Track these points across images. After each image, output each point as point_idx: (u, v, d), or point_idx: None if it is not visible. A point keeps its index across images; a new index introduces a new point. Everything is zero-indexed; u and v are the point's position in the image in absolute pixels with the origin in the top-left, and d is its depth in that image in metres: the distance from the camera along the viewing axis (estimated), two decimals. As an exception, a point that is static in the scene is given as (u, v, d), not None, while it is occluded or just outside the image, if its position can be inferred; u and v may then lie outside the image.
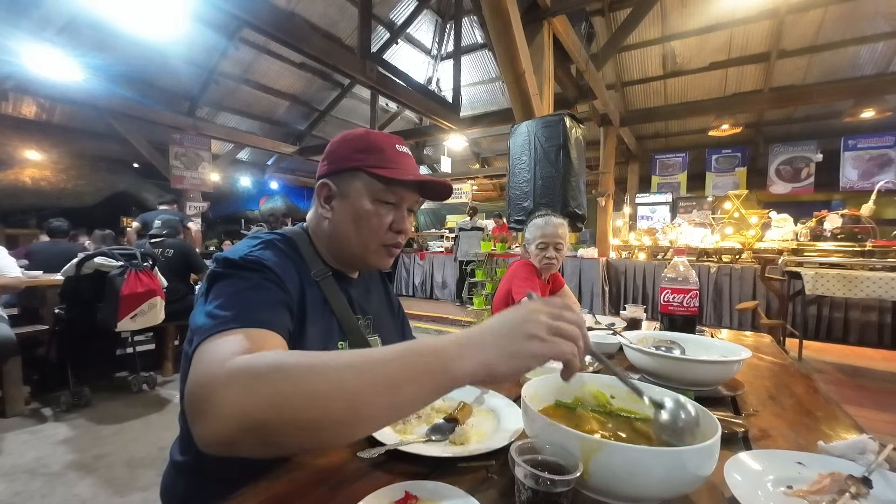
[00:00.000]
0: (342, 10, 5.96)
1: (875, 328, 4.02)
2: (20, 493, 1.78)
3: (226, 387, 0.43)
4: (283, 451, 0.45)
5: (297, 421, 0.42)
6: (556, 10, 3.38)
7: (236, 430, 0.42)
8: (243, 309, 0.56)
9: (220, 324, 0.53)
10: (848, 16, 5.11)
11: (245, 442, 0.42)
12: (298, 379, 0.42)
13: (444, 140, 8.53)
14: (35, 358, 2.83)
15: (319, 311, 0.73)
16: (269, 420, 0.41)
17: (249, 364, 0.44)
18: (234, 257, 0.64)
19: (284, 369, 0.43)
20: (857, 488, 0.47)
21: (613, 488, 0.46)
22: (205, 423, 0.43)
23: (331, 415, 0.42)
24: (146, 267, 2.68)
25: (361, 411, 0.43)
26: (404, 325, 1.03)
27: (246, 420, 0.41)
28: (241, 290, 0.59)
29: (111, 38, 5.05)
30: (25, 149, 6.28)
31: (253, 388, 0.42)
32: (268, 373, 0.43)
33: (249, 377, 0.43)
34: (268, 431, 0.42)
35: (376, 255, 0.78)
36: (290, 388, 0.42)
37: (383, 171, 0.72)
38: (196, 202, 6.48)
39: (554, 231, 1.75)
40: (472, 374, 0.44)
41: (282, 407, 0.41)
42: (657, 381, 0.84)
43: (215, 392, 0.43)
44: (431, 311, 5.83)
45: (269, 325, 0.56)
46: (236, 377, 0.43)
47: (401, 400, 0.43)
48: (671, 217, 7.00)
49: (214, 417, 0.42)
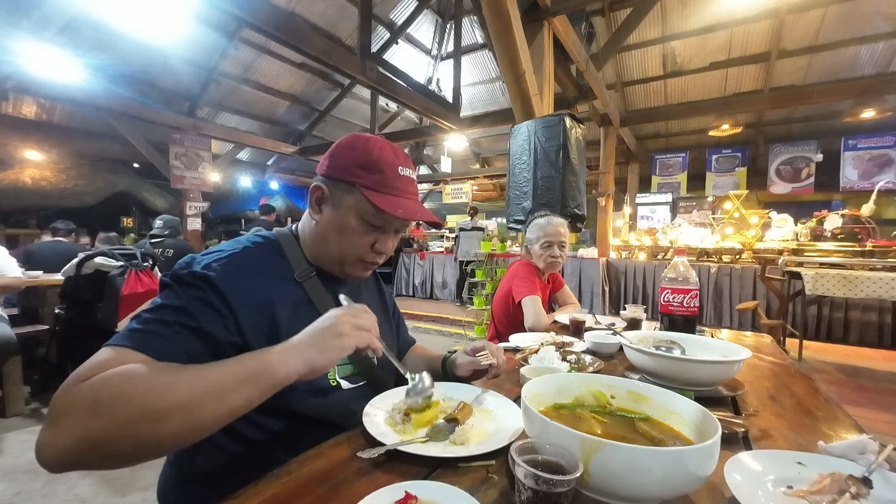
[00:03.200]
0: (342, 10, 5.95)
1: (875, 328, 4.01)
2: (20, 493, 1.78)
3: (70, 412, 0.46)
4: (124, 464, 0.49)
5: (138, 438, 0.47)
6: (556, 10, 3.38)
7: (76, 451, 0.45)
8: (145, 329, 0.58)
9: (120, 337, 0.56)
10: (848, 16, 5.11)
11: (83, 460, 0.46)
12: (138, 401, 0.47)
13: (444, 140, 8.54)
14: (35, 358, 2.83)
15: (302, 312, 0.73)
16: (110, 439, 0.46)
17: (95, 388, 0.48)
18: (183, 271, 0.65)
19: (125, 393, 0.47)
20: (858, 488, 0.47)
21: (613, 488, 0.46)
22: (45, 437, 0.46)
23: (169, 429, 0.48)
24: (146, 267, 2.68)
25: (198, 420, 0.50)
26: (400, 325, 1.04)
27: (84, 443, 0.45)
28: (163, 306, 0.61)
29: (111, 38, 5.04)
30: (25, 149, 6.27)
31: (95, 413, 0.46)
32: (111, 398, 0.47)
33: (92, 403, 0.47)
34: (108, 449, 0.46)
35: (353, 268, 0.80)
36: (131, 411, 0.46)
37: (377, 197, 0.72)
38: (196, 202, 6.47)
39: (557, 230, 1.75)
40: (295, 372, 0.56)
41: (123, 428, 0.46)
42: (657, 381, 0.84)
43: (61, 414, 0.47)
44: (431, 311, 5.83)
45: (158, 353, 0.56)
46: (82, 401, 0.47)
47: (234, 403, 0.52)
48: (671, 217, 6.98)
49: (54, 437, 0.46)
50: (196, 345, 0.60)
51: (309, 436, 0.65)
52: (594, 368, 1.00)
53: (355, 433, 0.67)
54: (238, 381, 0.53)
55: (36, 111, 5.99)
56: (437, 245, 8.09)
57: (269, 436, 0.68)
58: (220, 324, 0.62)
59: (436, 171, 10.22)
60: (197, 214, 6.46)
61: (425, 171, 11.09)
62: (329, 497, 0.50)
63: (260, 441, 0.68)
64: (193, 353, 0.59)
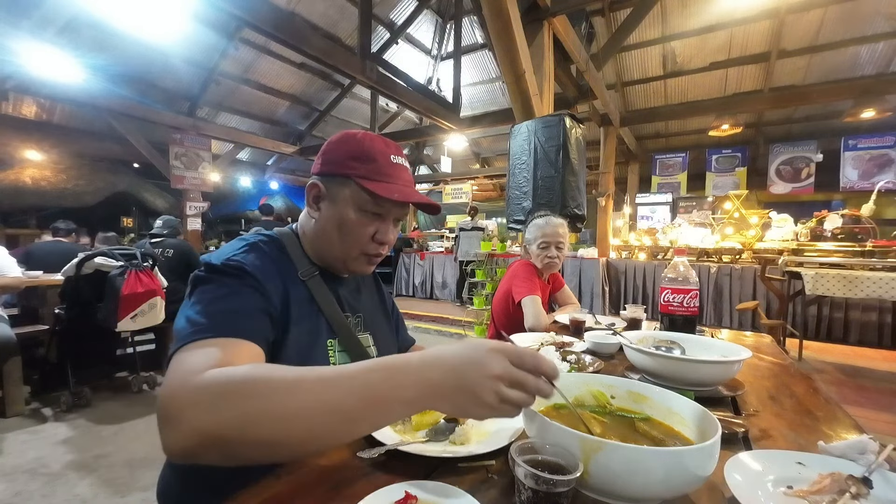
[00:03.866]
0: (342, 10, 5.95)
1: (875, 328, 4.01)
2: (20, 493, 1.78)
3: (192, 405, 0.45)
4: (243, 463, 0.47)
5: (260, 439, 0.44)
6: (556, 10, 3.38)
7: (198, 446, 0.44)
8: (220, 317, 0.58)
9: (196, 332, 0.55)
10: (848, 16, 5.11)
11: (206, 455, 0.45)
12: (263, 400, 0.45)
13: (444, 140, 8.53)
14: (35, 358, 2.83)
15: (306, 310, 0.74)
16: (232, 438, 0.44)
17: (216, 381, 0.46)
18: (216, 262, 0.65)
19: (249, 389, 0.45)
20: (858, 488, 0.47)
21: (613, 488, 0.46)
22: (169, 435, 0.46)
23: (292, 436, 0.45)
24: (146, 267, 2.68)
25: (320, 437, 0.46)
26: (398, 325, 1.04)
27: (208, 438, 0.44)
28: (220, 296, 0.61)
29: (111, 38, 5.04)
30: (25, 149, 6.27)
31: (217, 407, 0.44)
32: (233, 392, 0.45)
33: (215, 396, 0.45)
34: (230, 447, 0.44)
35: (356, 263, 0.80)
36: (255, 409, 0.44)
37: (372, 184, 0.73)
38: (196, 202, 6.47)
39: (555, 230, 1.75)
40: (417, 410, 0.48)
41: (244, 427, 0.44)
42: (657, 381, 0.84)
43: (181, 408, 0.45)
44: (431, 311, 5.83)
45: (245, 334, 0.57)
46: (202, 395, 0.45)
47: (358, 430, 0.47)
48: (671, 217, 6.98)
49: (179, 432, 0.45)
50: (264, 322, 0.64)
51: None
52: (594, 368, 0.99)
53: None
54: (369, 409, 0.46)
55: (36, 111, 5.98)
56: (437, 245, 8.09)
57: None
58: (265, 302, 0.65)
59: (436, 171, 10.21)
60: (197, 214, 6.46)
61: (425, 171, 11.09)
62: (329, 497, 0.50)
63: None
64: (266, 332, 0.63)
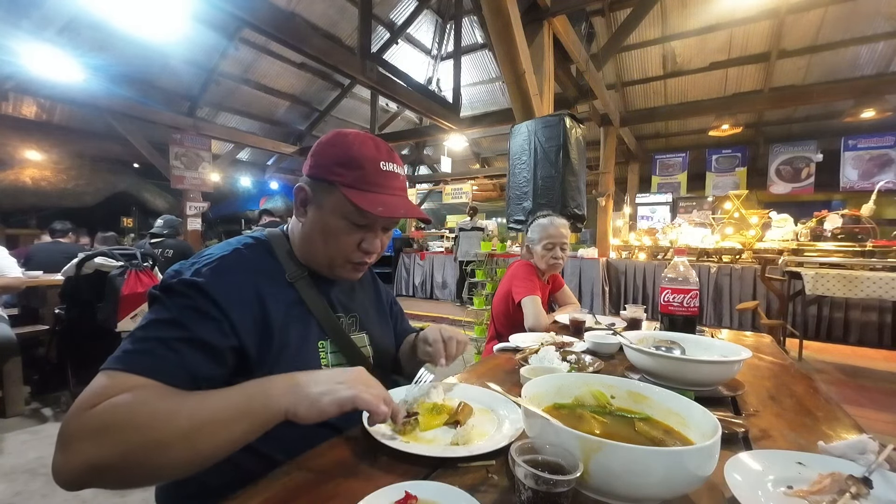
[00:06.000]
0: (342, 11, 5.95)
1: (875, 328, 4.01)
2: (20, 493, 1.77)
3: (79, 439, 0.49)
4: (129, 487, 0.52)
5: (142, 466, 0.49)
6: (556, 10, 3.37)
7: (85, 475, 0.48)
8: (143, 348, 0.58)
9: (115, 360, 0.57)
10: (848, 16, 5.11)
11: (91, 482, 0.48)
12: (143, 430, 0.49)
13: (444, 140, 8.53)
14: (35, 358, 2.83)
15: (294, 312, 0.73)
16: (116, 466, 0.48)
17: (102, 414, 0.49)
18: (172, 280, 0.65)
19: (132, 421, 0.49)
20: (858, 488, 0.47)
21: (613, 488, 0.46)
22: (58, 464, 0.48)
23: (172, 458, 0.49)
24: (146, 267, 2.68)
25: (200, 450, 0.51)
26: (398, 321, 1.04)
27: (92, 468, 0.47)
28: (158, 320, 0.61)
29: (111, 38, 5.04)
30: (25, 149, 6.27)
31: (101, 441, 0.48)
32: (115, 426, 0.49)
33: (98, 430, 0.48)
34: (114, 474, 0.49)
35: (342, 269, 0.78)
36: (136, 440, 0.48)
37: (358, 195, 0.70)
38: (196, 202, 6.47)
39: (559, 231, 1.75)
40: (292, 409, 0.55)
41: (126, 456, 0.48)
42: (657, 381, 0.84)
43: (69, 441, 0.49)
44: (431, 312, 5.84)
45: (158, 372, 0.56)
46: (87, 430, 0.49)
47: (232, 435, 0.53)
48: (671, 217, 6.99)
49: (66, 464, 0.48)
50: (195, 357, 0.59)
51: (308, 437, 0.65)
52: (594, 368, 0.99)
53: (354, 433, 0.67)
54: (239, 412, 0.53)
55: (36, 111, 5.98)
56: (436, 245, 8.09)
57: (268, 438, 0.68)
58: (215, 330, 0.62)
59: (436, 171, 10.21)
60: (197, 214, 6.46)
61: (425, 171, 11.09)
62: (329, 497, 0.50)
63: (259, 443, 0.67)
64: (192, 367, 0.58)
